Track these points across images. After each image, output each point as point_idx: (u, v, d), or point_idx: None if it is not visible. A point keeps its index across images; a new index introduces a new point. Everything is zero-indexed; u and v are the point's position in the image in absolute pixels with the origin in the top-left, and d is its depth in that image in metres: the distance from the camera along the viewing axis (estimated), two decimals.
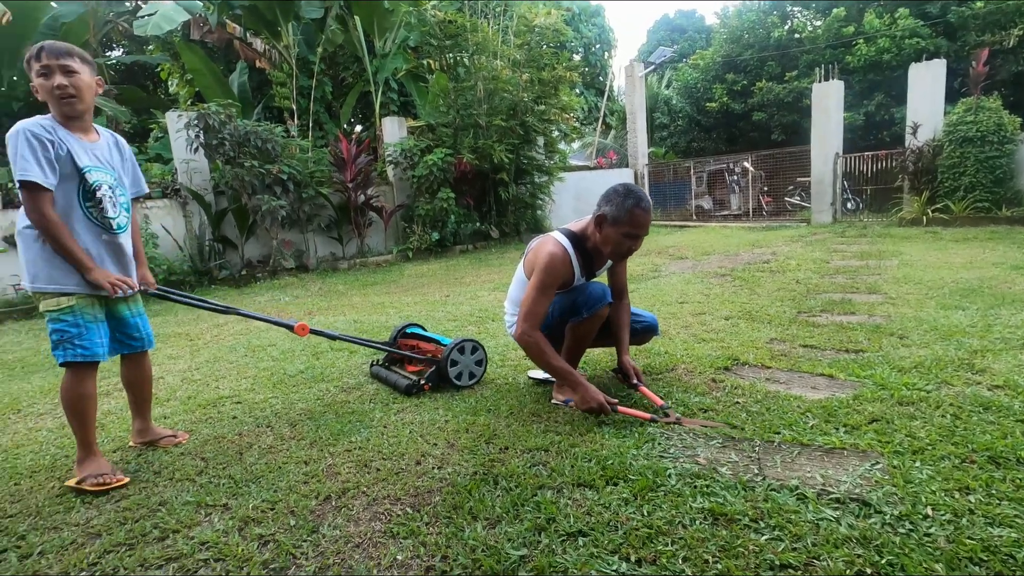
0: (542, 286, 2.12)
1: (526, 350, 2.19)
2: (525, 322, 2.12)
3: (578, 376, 2.11)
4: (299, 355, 3.46)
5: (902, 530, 1.32)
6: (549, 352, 2.11)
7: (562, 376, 2.12)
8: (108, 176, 1.96)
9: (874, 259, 5.56)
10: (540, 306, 2.13)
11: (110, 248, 1.98)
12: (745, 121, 14.49)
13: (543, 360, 2.12)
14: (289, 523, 1.58)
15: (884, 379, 2.28)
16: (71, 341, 1.88)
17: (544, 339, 2.14)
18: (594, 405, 2.04)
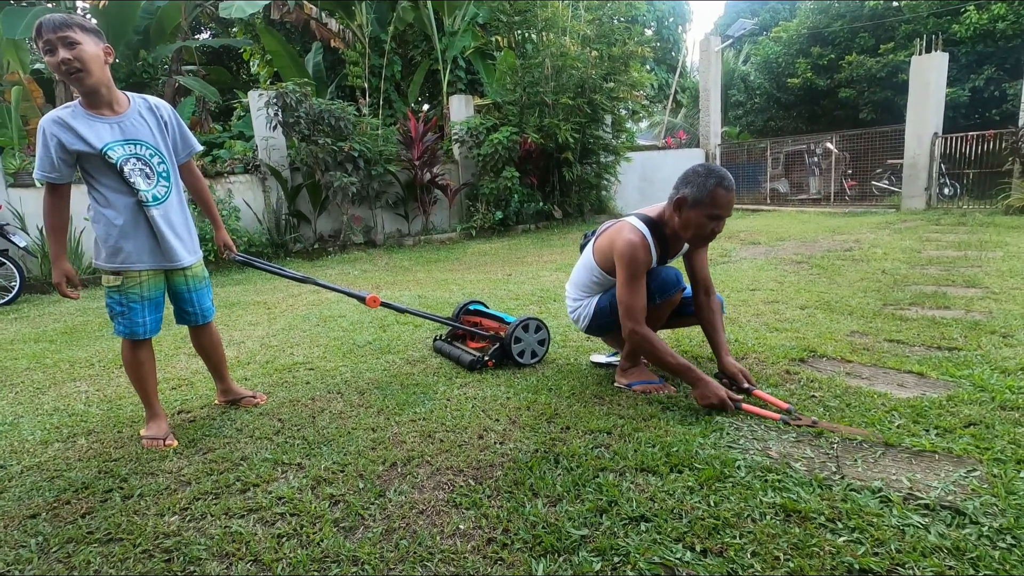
0: (632, 277, 2.05)
1: (638, 348, 2.13)
2: (629, 319, 2.06)
3: (697, 371, 1.99)
4: (367, 327, 3.59)
5: (1002, 544, 1.21)
6: (662, 348, 2.03)
7: (679, 372, 2.01)
8: (137, 148, 1.91)
9: (974, 250, 5.08)
10: (637, 299, 2.06)
11: (155, 222, 1.94)
12: (830, 98, 13.49)
13: (656, 356, 2.05)
14: (358, 485, 1.65)
15: (984, 380, 2.08)
16: (117, 317, 1.98)
17: (654, 334, 2.06)
18: (715, 401, 1.92)
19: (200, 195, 2.27)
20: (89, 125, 1.85)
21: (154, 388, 2.11)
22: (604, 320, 2.31)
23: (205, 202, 2.29)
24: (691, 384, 2.01)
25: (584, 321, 2.40)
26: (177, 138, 2.09)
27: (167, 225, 1.99)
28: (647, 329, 2.05)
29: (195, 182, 2.24)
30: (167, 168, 2.01)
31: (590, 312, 2.35)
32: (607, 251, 2.19)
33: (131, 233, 1.94)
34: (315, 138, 7.22)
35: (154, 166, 1.97)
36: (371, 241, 8.12)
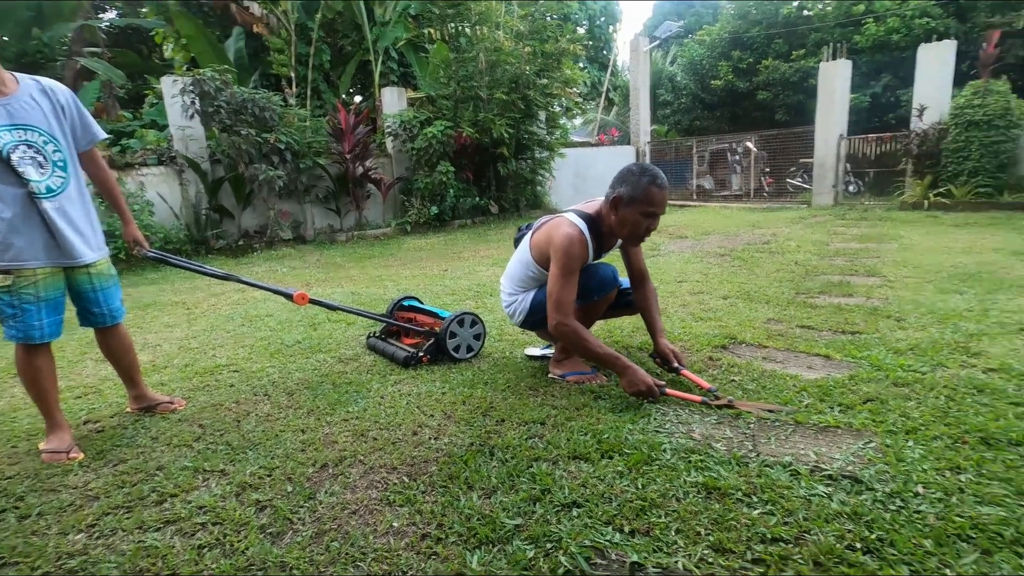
0: (566, 271, 2.07)
1: (563, 340, 2.15)
2: (558, 312, 2.06)
3: (624, 359, 2.05)
4: (296, 325, 3.46)
5: (892, 507, 1.33)
6: (590, 339, 2.07)
7: (606, 362, 2.06)
8: (28, 134, 1.76)
9: (874, 242, 5.55)
10: (568, 293, 2.08)
11: (49, 216, 1.78)
12: (749, 100, 14.29)
13: (583, 347, 2.08)
14: (286, 489, 1.59)
15: (880, 360, 2.29)
16: (8, 320, 1.81)
17: (581, 326, 2.09)
18: (642, 388, 1.98)
19: (105, 187, 2.10)
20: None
21: (55, 397, 1.94)
22: (540, 315, 2.32)
23: (111, 195, 2.11)
24: (619, 373, 2.06)
25: (520, 316, 2.41)
26: (77, 124, 1.91)
27: (64, 219, 1.83)
28: (574, 322, 2.08)
29: (99, 173, 2.06)
30: (64, 157, 1.85)
31: (526, 307, 2.37)
32: (544, 246, 2.20)
33: (21, 228, 1.76)
34: (237, 129, 6.85)
35: (48, 154, 1.80)
36: (300, 237, 7.81)
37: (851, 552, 1.19)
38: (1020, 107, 7.66)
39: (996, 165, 7.68)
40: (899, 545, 1.20)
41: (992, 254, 4.50)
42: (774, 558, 1.19)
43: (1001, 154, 7.66)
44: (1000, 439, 1.61)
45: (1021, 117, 7.65)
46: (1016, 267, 3.97)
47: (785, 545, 1.23)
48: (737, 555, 1.21)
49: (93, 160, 2.03)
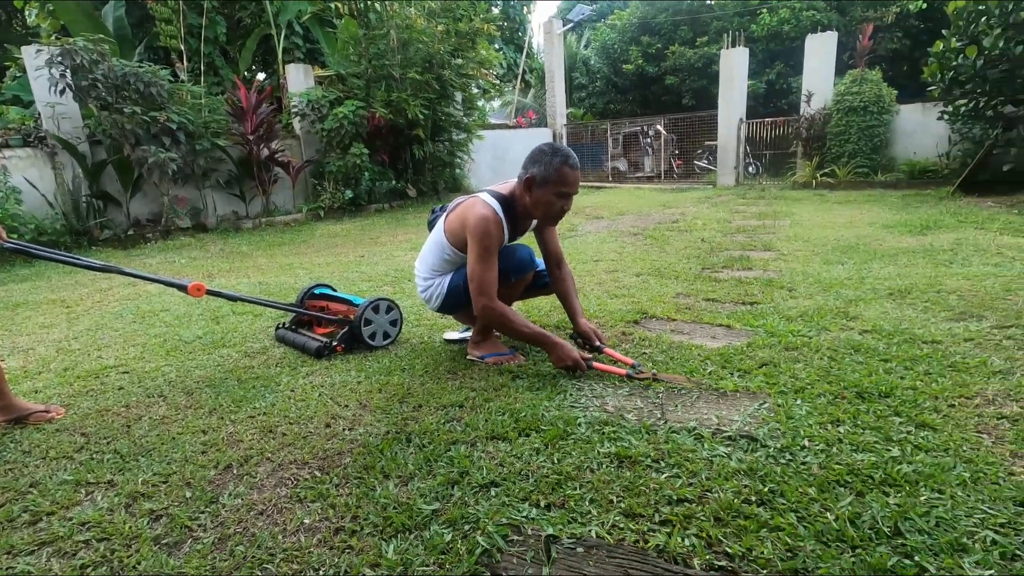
0: (485, 252, 2.03)
1: (490, 322, 2.13)
2: (482, 295, 2.04)
3: (552, 336, 2.07)
4: (196, 320, 3.21)
5: (783, 460, 1.45)
6: (516, 319, 2.06)
7: (535, 340, 2.08)
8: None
9: (770, 219, 5.98)
10: (490, 274, 2.05)
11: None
12: (659, 85, 14.86)
13: (511, 328, 2.07)
14: (184, 495, 1.48)
15: (774, 328, 2.47)
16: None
17: (507, 308, 2.08)
18: (569, 363, 2.02)
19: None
20: None
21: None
22: (458, 298, 2.30)
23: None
24: (547, 350, 2.09)
25: (437, 300, 2.36)
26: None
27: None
28: (500, 303, 2.07)
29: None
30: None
31: (443, 291, 2.32)
32: (458, 228, 2.16)
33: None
34: (120, 106, 6.19)
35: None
36: (201, 225, 7.25)
37: (747, 505, 1.28)
38: (890, 94, 8.50)
39: (871, 147, 8.50)
40: (788, 495, 1.30)
41: (868, 228, 4.99)
42: (679, 518, 1.25)
43: (875, 137, 8.48)
44: (872, 392, 1.79)
45: (891, 104, 8.50)
46: (887, 239, 4.42)
47: (689, 505, 1.30)
48: (646, 518, 1.26)
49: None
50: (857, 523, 1.20)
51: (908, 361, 2.03)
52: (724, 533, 1.20)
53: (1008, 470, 1.37)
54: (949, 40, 6.34)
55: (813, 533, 1.18)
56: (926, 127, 8.33)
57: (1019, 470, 1.37)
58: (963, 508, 1.23)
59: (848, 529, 1.18)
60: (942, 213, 5.39)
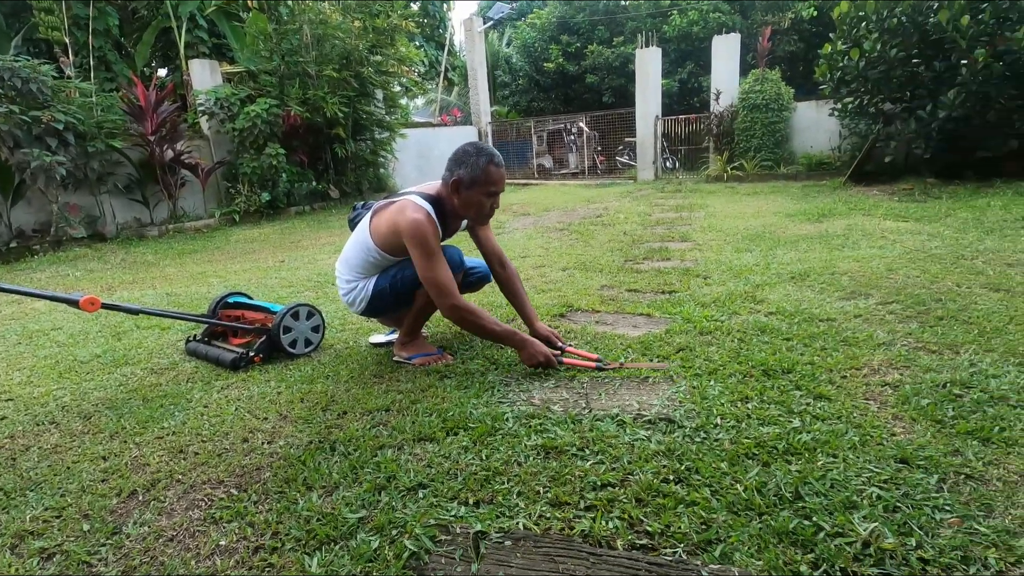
0: (430, 254, 1.97)
1: (461, 324, 2.07)
2: (443, 296, 1.98)
3: (520, 334, 2.05)
4: (94, 337, 2.95)
5: (698, 439, 1.53)
6: (486, 318, 2.02)
7: (504, 338, 2.04)
8: None
9: (686, 211, 6.29)
10: (444, 273, 1.99)
11: None
12: (579, 83, 15.22)
13: (481, 327, 2.03)
14: (82, 529, 1.36)
15: (690, 314, 2.60)
16: None
17: (475, 307, 2.03)
18: (541, 359, 2.00)
19: None
20: None
21: None
22: (383, 302, 2.24)
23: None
24: (517, 348, 2.06)
25: (361, 304, 2.28)
26: None
27: None
28: (466, 303, 2.01)
29: None
30: None
31: (367, 294, 2.25)
32: (387, 232, 2.09)
33: None
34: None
35: None
36: (98, 234, 6.66)
37: (666, 484, 1.34)
38: (788, 93, 9.17)
39: (774, 142, 9.13)
40: (702, 471, 1.38)
41: (773, 217, 5.36)
42: (603, 502, 1.29)
43: (776, 132, 9.12)
44: (776, 369, 1.93)
45: (789, 101, 9.17)
46: (789, 227, 4.77)
47: (612, 489, 1.34)
48: (572, 506, 1.30)
49: None
50: (763, 491, 1.29)
51: (807, 338, 2.20)
52: (645, 513, 1.25)
53: (891, 431, 1.52)
54: (836, 43, 6.92)
55: (725, 504, 1.26)
56: (820, 123, 9.06)
57: (899, 431, 1.53)
58: (853, 469, 1.35)
59: (756, 498, 1.27)
60: (835, 202, 5.89)
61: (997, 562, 1.06)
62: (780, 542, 1.14)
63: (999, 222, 4.16)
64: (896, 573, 1.05)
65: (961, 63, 5.76)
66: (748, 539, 1.15)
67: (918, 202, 5.49)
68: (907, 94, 6.47)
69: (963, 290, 2.67)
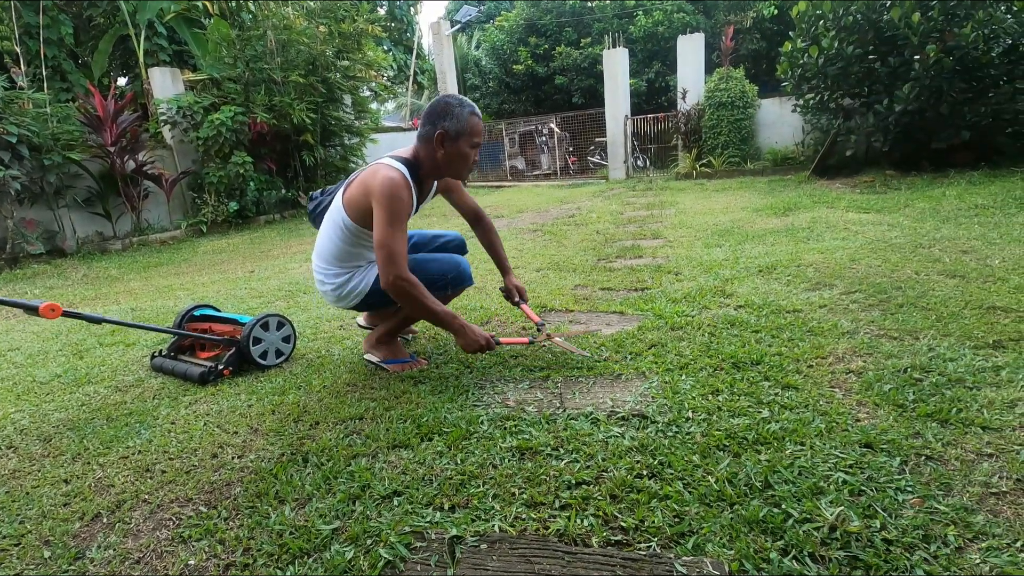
0: (392, 218, 1.85)
1: (400, 298, 1.92)
2: (391, 265, 1.85)
3: (459, 319, 1.97)
4: (55, 357, 2.85)
5: (670, 433, 1.55)
6: (427, 296, 1.92)
7: (443, 320, 1.96)
8: None
9: (657, 209, 6.37)
10: (399, 242, 1.86)
11: None
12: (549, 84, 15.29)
13: (420, 305, 1.91)
14: (42, 555, 1.31)
15: (661, 310, 2.63)
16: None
17: (418, 282, 1.91)
18: (481, 342, 1.98)
19: None
20: None
21: None
22: (381, 297, 2.10)
23: None
24: (454, 333, 2.00)
25: (355, 298, 2.15)
26: None
27: None
28: (413, 277, 1.90)
29: None
30: None
31: (365, 288, 2.11)
32: (360, 197, 1.98)
33: None
34: None
35: None
36: (58, 249, 6.45)
37: (640, 480, 1.35)
38: (752, 90, 9.36)
39: (740, 138, 9.31)
40: (675, 465, 1.40)
41: (741, 212, 5.47)
42: (578, 500, 1.30)
43: (742, 129, 9.31)
44: (746, 362, 1.97)
45: (753, 98, 9.36)
46: (757, 221, 4.87)
47: (587, 487, 1.35)
48: (547, 505, 1.30)
49: None
50: (734, 482, 1.31)
51: (775, 330, 2.25)
52: (619, 509, 1.26)
53: (855, 417, 1.56)
54: (795, 41, 7.10)
55: (697, 497, 1.27)
56: (783, 119, 9.28)
57: (863, 416, 1.57)
58: (820, 456, 1.39)
59: (727, 488, 1.29)
60: (800, 196, 6.03)
61: (956, 539, 1.10)
62: (751, 531, 1.16)
63: (954, 211, 4.32)
64: (862, 555, 1.08)
65: (914, 59, 5.97)
66: (720, 529, 1.17)
67: (879, 194, 5.66)
68: (865, 89, 6.68)
69: (921, 278, 2.76)
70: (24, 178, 5.83)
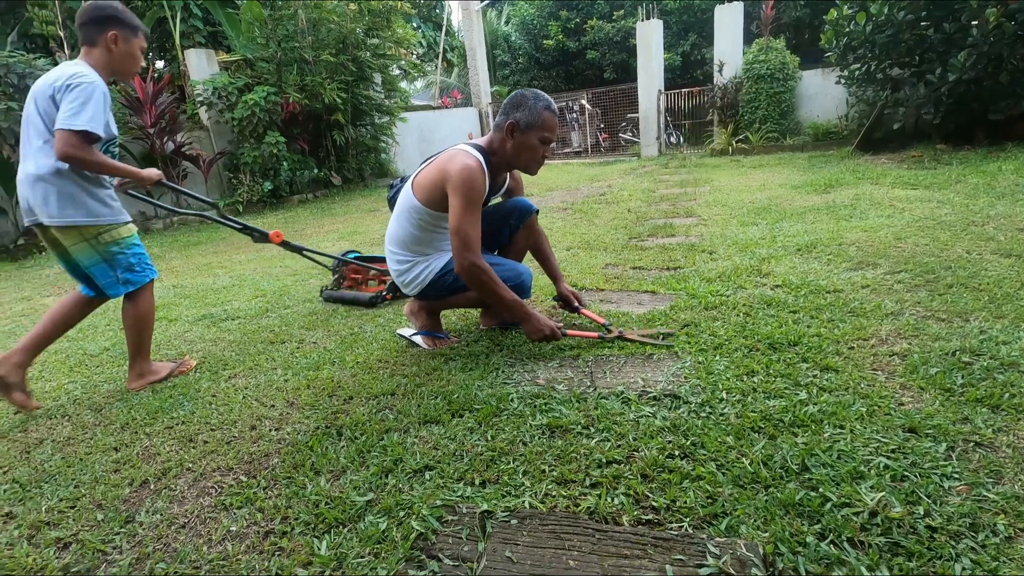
0: (468, 204, 1.88)
1: (475, 284, 1.94)
2: (466, 251, 1.88)
3: (527, 307, 2.02)
4: (103, 331, 2.98)
5: (703, 414, 1.52)
6: (500, 283, 1.95)
7: (513, 308, 1.98)
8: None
9: (691, 187, 6.21)
10: (474, 228, 1.89)
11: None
12: (580, 59, 14.96)
13: (492, 291, 1.94)
14: (95, 518, 1.38)
15: (695, 290, 2.58)
16: (137, 267, 2.14)
17: (491, 268, 1.94)
18: (546, 332, 2.00)
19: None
20: None
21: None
22: (438, 291, 2.15)
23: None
24: (522, 320, 2.02)
25: (416, 286, 2.17)
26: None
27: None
28: (485, 263, 1.92)
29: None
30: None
31: (427, 278, 2.14)
32: (432, 183, 1.99)
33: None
34: None
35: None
36: None
37: (671, 460, 1.34)
38: (793, 61, 8.97)
39: (779, 112, 8.97)
40: (708, 446, 1.37)
41: (779, 189, 5.29)
42: (608, 479, 1.29)
43: (782, 103, 8.95)
44: (783, 342, 1.91)
45: (794, 70, 8.97)
46: (795, 199, 4.70)
47: (618, 466, 1.34)
48: (577, 483, 1.30)
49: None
50: (769, 464, 1.29)
51: (814, 310, 2.18)
52: (650, 488, 1.25)
53: (898, 401, 1.51)
54: (841, 8, 6.73)
55: (731, 478, 1.25)
56: (826, 91, 8.87)
57: (907, 400, 1.51)
58: (860, 440, 1.35)
59: (762, 471, 1.26)
60: (843, 171, 5.79)
61: (1006, 528, 1.05)
62: (787, 514, 1.13)
63: (1011, 187, 4.08)
64: (904, 542, 1.04)
65: (972, 24, 5.59)
66: (754, 512, 1.15)
67: (928, 169, 5.38)
68: (916, 58, 6.31)
69: (973, 257, 2.63)
70: None
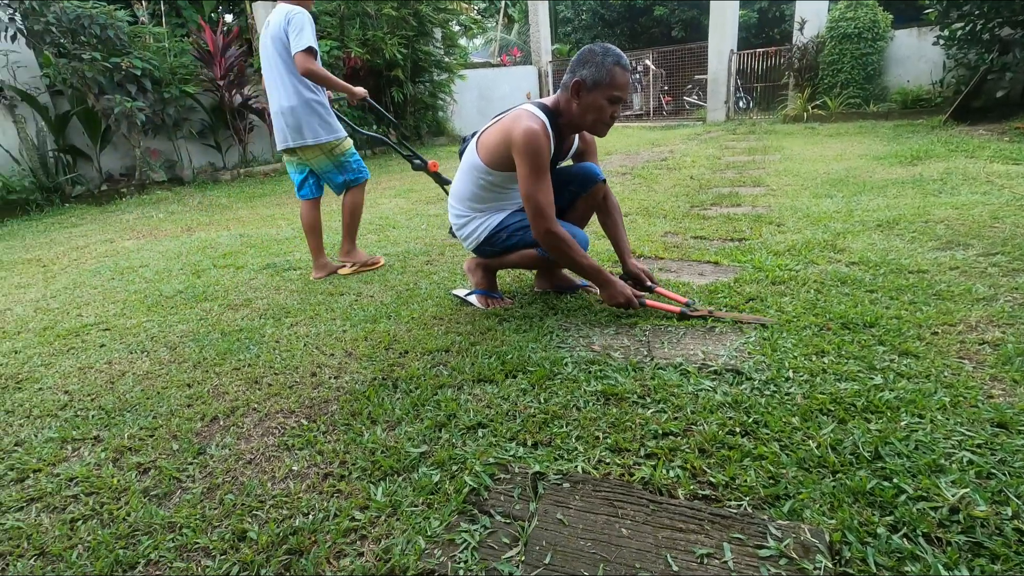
0: (535, 169, 1.84)
1: (553, 251, 1.93)
2: (541, 218, 1.86)
3: (606, 272, 1.97)
4: (177, 275, 3.15)
5: (767, 392, 1.46)
6: (578, 249, 1.92)
7: (591, 273, 1.95)
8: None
9: (760, 155, 5.87)
10: (546, 194, 1.86)
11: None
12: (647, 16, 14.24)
13: (569, 257, 1.92)
14: (171, 448, 1.47)
15: (761, 262, 2.45)
16: (354, 169, 2.95)
17: (569, 235, 1.91)
18: (622, 300, 1.95)
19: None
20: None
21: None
22: (493, 247, 2.14)
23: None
24: (600, 285, 1.99)
25: (473, 242, 2.18)
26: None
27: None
28: (561, 229, 1.89)
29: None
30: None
31: (483, 234, 2.14)
32: (496, 143, 1.96)
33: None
34: (78, 52, 5.84)
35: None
36: (177, 178, 7.03)
37: (731, 436, 1.29)
38: (885, 20, 8.19)
39: (864, 76, 8.27)
40: (771, 425, 1.32)
41: (858, 160, 4.92)
42: (664, 451, 1.26)
43: (868, 66, 8.24)
44: (857, 323, 1.80)
45: (885, 29, 8.20)
46: (877, 171, 4.36)
47: (674, 438, 1.31)
48: (632, 452, 1.28)
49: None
50: (838, 449, 1.22)
51: (894, 291, 2.03)
52: (708, 464, 1.22)
53: (987, 393, 1.39)
54: None
55: (795, 460, 1.20)
56: (921, 53, 8.09)
57: (998, 393, 1.39)
58: (942, 431, 1.25)
59: (829, 455, 1.20)
60: (933, 143, 5.31)
61: None
62: (856, 502, 1.08)
63: None
64: (987, 543, 0.97)
65: None
66: (820, 497, 1.09)
67: None
68: None
69: None
70: (148, 110, 6.33)
